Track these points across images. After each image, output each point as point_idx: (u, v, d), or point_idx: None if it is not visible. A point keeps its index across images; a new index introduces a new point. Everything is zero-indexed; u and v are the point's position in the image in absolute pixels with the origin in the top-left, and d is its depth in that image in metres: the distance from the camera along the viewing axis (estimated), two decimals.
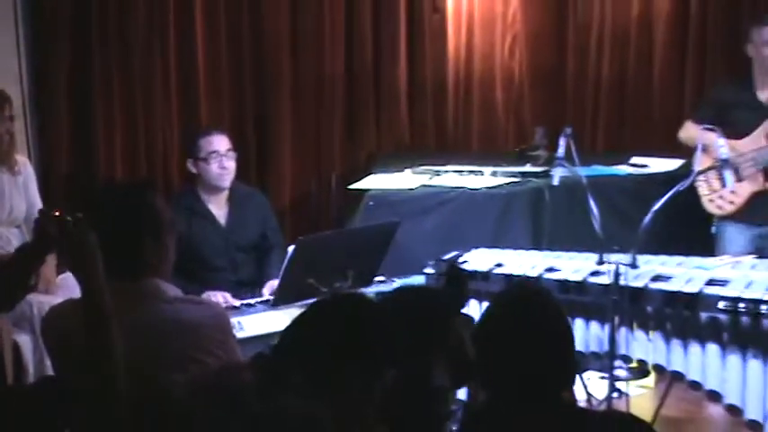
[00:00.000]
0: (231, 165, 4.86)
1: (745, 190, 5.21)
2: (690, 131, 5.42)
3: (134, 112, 5.94)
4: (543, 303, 2.53)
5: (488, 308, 2.48)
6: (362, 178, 5.97)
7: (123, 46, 5.87)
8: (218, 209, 4.90)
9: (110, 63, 5.83)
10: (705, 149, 5.21)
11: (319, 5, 6.38)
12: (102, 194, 3.07)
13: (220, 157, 4.81)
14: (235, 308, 4.33)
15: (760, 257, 4.81)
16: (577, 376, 4.74)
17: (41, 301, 4.12)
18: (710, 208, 5.33)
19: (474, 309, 4.44)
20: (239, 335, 3.66)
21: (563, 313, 2.50)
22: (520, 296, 2.56)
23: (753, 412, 4.00)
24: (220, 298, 4.52)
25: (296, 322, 2.55)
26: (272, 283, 4.60)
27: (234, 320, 3.62)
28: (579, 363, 4.70)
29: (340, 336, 2.47)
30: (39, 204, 4.64)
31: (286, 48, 6.34)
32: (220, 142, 4.83)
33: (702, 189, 5.29)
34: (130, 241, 2.82)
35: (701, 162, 5.23)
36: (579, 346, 4.32)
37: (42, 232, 2.65)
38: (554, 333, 2.44)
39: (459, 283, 4.02)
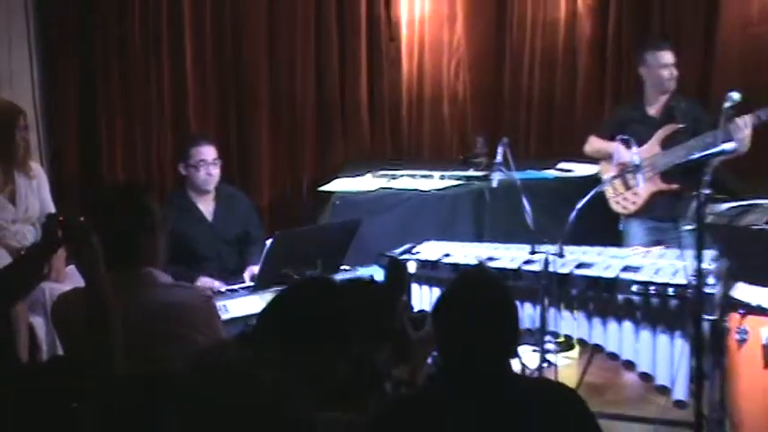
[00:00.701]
0: (216, 171, 4.84)
1: (646, 191, 5.21)
2: (595, 144, 5.44)
3: (132, 122, 5.93)
4: (493, 286, 2.51)
5: (446, 290, 2.47)
6: (330, 182, 5.97)
7: (123, 66, 5.84)
8: (206, 207, 4.87)
9: (111, 81, 5.81)
10: (615, 158, 5.25)
11: (292, 34, 6.37)
12: (104, 196, 3.06)
13: (207, 164, 4.79)
14: (220, 292, 4.31)
15: (665, 248, 4.86)
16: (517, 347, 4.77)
17: (53, 288, 4.08)
18: (616, 208, 5.34)
19: (425, 293, 4.47)
20: (224, 316, 3.66)
21: (510, 294, 2.49)
22: (473, 280, 2.53)
23: (662, 379, 4.04)
24: (216, 284, 4.50)
25: (272, 303, 2.56)
26: (252, 269, 4.59)
27: (219, 303, 3.60)
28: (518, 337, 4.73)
29: (310, 314, 2.47)
30: (50, 205, 4.60)
31: (264, 70, 6.34)
32: (208, 152, 4.81)
33: (608, 192, 5.29)
34: (128, 236, 2.82)
35: (607, 170, 5.29)
36: None
37: (50, 233, 2.66)
38: (502, 311, 2.42)
39: (400, 274, 4.05)
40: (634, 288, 4.05)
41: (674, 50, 5.26)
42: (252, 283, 4.40)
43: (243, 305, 4.01)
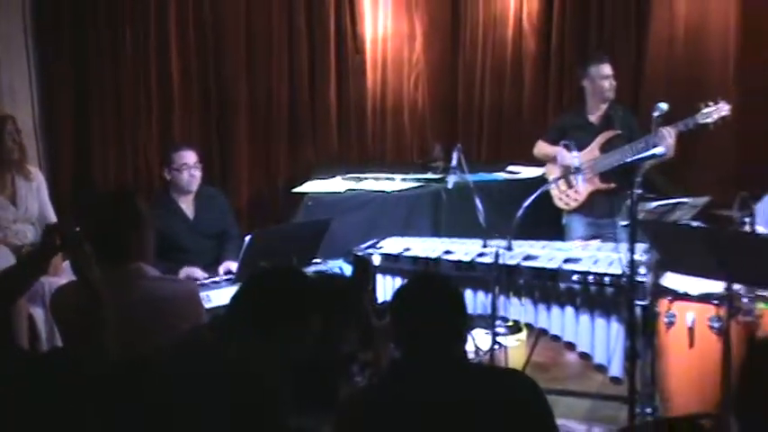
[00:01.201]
0: (198, 173, 4.82)
1: (586, 190, 5.24)
2: (542, 148, 5.46)
3: (122, 130, 5.87)
4: (443, 283, 2.51)
5: (401, 287, 2.48)
6: (302, 184, 5.95)
7: (114, 78, 5.79)
8: (187, 206, 4.84)
9: (103, 92, 5.75)
10: (559, 160, 5.30)
11: (268, 49, 6.35)
12: (97, 199, 3.05)
13: (189, 167, 4.77)
14: (204, 284, 4.29)
15: (602, 241, 4.89)
16: (468, 334, 4.78)
17: (51, 281, 4.05)
18: (560, 205, 5.36)
19: (389, 283, 4.48)
20: (208, 305, 3.64)
21: (458, 290, 2.50)
22: (424, 278, 2.54)
23: (599, 358, 4.07)
24: (198, 272, 4.47)
25: (242, 289, 2.58)
26: (226, 264, 4.57)
27: (203, 294, 3.59)
28: (469, 323, 4.75)
29: (276, 297, 2.49)
30: (49, 206, 4.56)
31: (242, 82, 6.31)
32: (190, 157, 4.78)
33: (554, 191, 5.33)
34: (120, 235, 2.83)
35: (551, 172, 5.33)
36: (469, 310, 4.35)
37: (49, 241, 2.69)
38: (450, 304, 2.42)
39: (365, 270, 4.05)
40: (574, 277, 4.07)
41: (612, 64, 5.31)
42: (229, 276, 4.40)
43: (224, 295, 3.99)
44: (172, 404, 2.32)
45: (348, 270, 4.48)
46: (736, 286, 3.66)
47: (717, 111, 4.90)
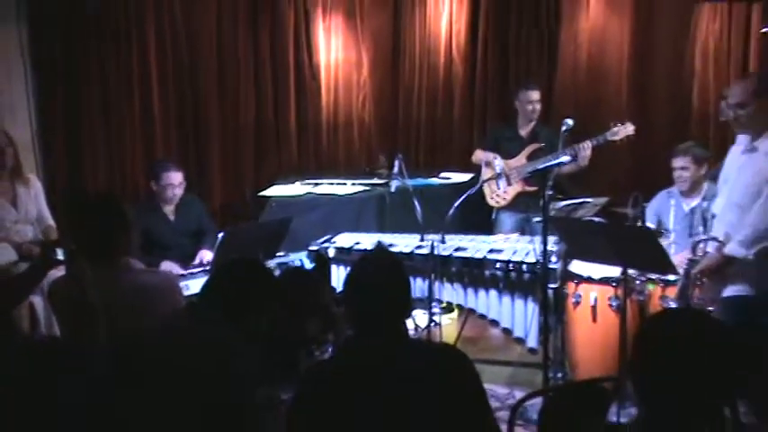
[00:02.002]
0: (180, 191, 4.75)
1: (514, 191, 5.31)
2: (478, 155, 5.51)
3: (110, 144, 5.77)
4: (391, 261, 2.44)
5: (353, 268, 2.43)
6: (267, 188, 5.91)
7: (101, 98, 5.68)
8: (169, 211, 4.78)
9: (92, 111, 5.65)
10: (488, 165, 5.35)
11: (236, 75, 6.29)
12: (88, 204, 2.99)
13: (174, 187, 4.71)
14: (183, 275, 4.22)
15: (522, 235, 4.94)
16: (410, 309, 4.79)
17: (49, 274, 3.93)
18: (491, 203, 5.41)
19: (342, 272, 4.47)
20: (186, 292, 3.58)
21: (404, 269, 2.39)
22: (371, 261, 2.45)
23: (518, 332, 4.12)
24: (176, 268, 4.41)
25: (212, 277, 2.56)
26: (202, 253, 4.56)
27: (182, 284, 3.54)
28: (411, 300, 4.75)
29: (241, 284, 2.46)
30: (46, 209, 4.46)
31: (214, 102, 6.23)
32: (175, 178, 4.71)
33: (486, 191, 5.38)
34: (109, 234, 2.79)
35: (485, 174, 5.37)
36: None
37: (46, 256, 2.77)
38: (398, 282, 2.35)
39: (324, 264, 4.02)
40: (497, 265, 4.12)
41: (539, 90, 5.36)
42: (204, 268, 4.36)
43: (200, 284, 3.91)
44: (155, 378, 2.28)
45: (308, 262, 4.46)
46: (631, 271, 3.73)
47: (624, 129, 4.99)
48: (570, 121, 4.92)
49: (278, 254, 4.43)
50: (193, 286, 3.93)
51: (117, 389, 2.21)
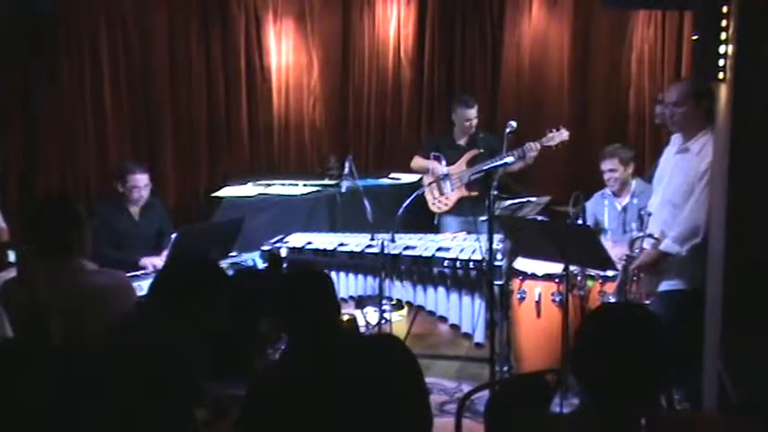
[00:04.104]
0: (146, 193, 4.67)
1: (455, 196, 5.30)
2: (418, 162, 5.48)
3: (64, 144, 5.68)
4: (316, 273, 2.50)
5: (287, 282, 2.46)
6: (220, 189, 5.86)
7: (55, 105, 5.58)
8: (134, 210, 4.71)
9: (47, 118, 5.55)
10: (432, 171, 5.36)
11: (188, 78, 6.23)
12: (42, 205, 2.93)
13: (140, 189, 4.63)
14: (136, 275, 4.15)
15: (468, 234, 4.98)
16: (359, 311, 4.79)
17: (0, 275, 3.84)
18: (433, 209, 5.38)
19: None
20: (140, 293, 3.52)
21: (329, 278, 2.46)
22: (294, 272, 2.51)
23: (466, 327, 4.16)
24: (157, 261, 4.31)
25: (159, 276, 2.56)
26: (146, 260, 4.40)
27: (135, 284, 3.48)
28: (363, 302, 4.76)
29: (188, 281, 2.45)
30: None
31: (167, 105, 6.19)
32: (141, 180, 4.63)
33: (428, 197, 5.36)
34: (63, 234, 2.73)
35: (426, 180, 5.39)
36: (360, 291, 4.38)
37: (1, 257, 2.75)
38: (325, 289, 2.42)
39: (276, 264, 4.01)
40: (445, 263, 4.15)
41: (476, 104, 5.35)
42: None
43: None
44: (107, 375, 2.25)
45: (260, 262, 4.43)
46: (572, 267, 3.80)
47: (559, 135, 5.07)
48: (514, 123, 4.99)
49: (231, 254, 4.40)
50: (146, 286, 3.84)
51: (59, 390, 2.17)
